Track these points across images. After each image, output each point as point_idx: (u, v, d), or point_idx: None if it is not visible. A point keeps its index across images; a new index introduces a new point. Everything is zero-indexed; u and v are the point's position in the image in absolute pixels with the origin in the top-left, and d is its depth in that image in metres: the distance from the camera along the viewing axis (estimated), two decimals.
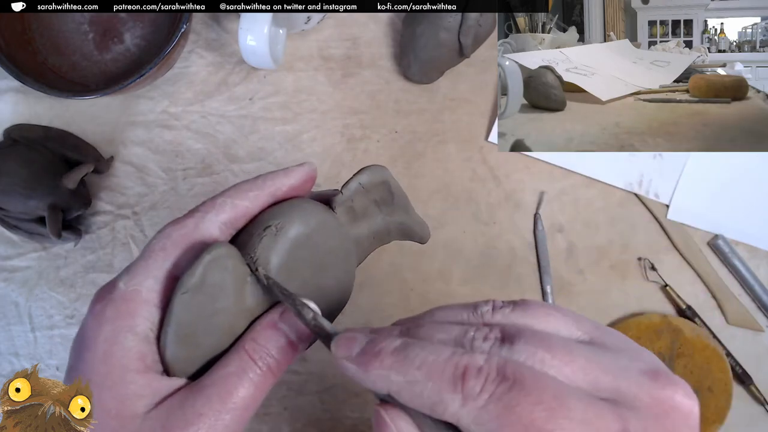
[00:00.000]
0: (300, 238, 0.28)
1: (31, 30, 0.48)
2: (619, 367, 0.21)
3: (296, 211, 0.28)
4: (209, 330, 0.26)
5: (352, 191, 0.31)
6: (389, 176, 0.32)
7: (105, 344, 0.24)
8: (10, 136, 0.49)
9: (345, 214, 0.31)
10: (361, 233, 0.33)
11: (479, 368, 0.19)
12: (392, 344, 0.21)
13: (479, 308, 0.23)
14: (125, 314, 0.25)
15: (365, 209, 0.32)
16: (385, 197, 0.32)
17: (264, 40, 0.43)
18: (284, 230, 0.27)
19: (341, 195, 0.30)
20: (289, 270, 0.28)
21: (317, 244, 0.29)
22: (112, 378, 0.24)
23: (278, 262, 0.27)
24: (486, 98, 0.51)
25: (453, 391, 0.19)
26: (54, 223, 0.45)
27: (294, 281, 0.28)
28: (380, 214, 0.33)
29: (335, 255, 0.30)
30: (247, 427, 0.50)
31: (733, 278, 0.50)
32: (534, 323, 0.22)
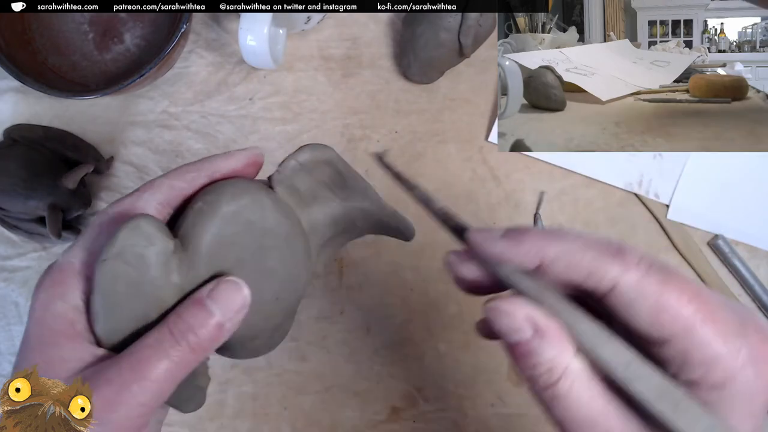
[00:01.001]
0: (228, 214, 0.27)
1: (31, 30, 0.48)
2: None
3: (227, 187, 0.28)
4: (135, 302, 0.26)
5: (289, 169, 0.30)
6: (334, 156, 0.31)
7: (39, 310, 0.26)
8: (10, 136, 0.49)
9: (289, 196, 0.30)
10: (316, 218, 0.32)
11: (632, 249, 0.22)
12: (536, 229, 0.24)
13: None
14: (58, 283, 0.26)
15: (314, 191, 0.31)
16: (335, 179, 0.31)
17: (264, 40, 0.43)
18: (212, 206, 0.27)
19: (278, 173, 0.30)
20: (221, 247, 0.27)
21: (252, 221, 0.28)
22: (41, 340, 0.25)
23: (207, 239, 0.27)
24: (486, 98, 0.51)
25: (613, 260, 0.21)
26: (54, 223, 0.45)
27: (228, 260, 0.27)
28: (335, 199, 0.32)
29: (275, 235, 0.29)
30: (248, 427, 0.50)
31: (733, 278, 0.50)
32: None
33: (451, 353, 0.50)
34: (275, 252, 0.29)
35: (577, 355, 0.22)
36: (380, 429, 0.49)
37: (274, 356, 0.50)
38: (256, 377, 0.50)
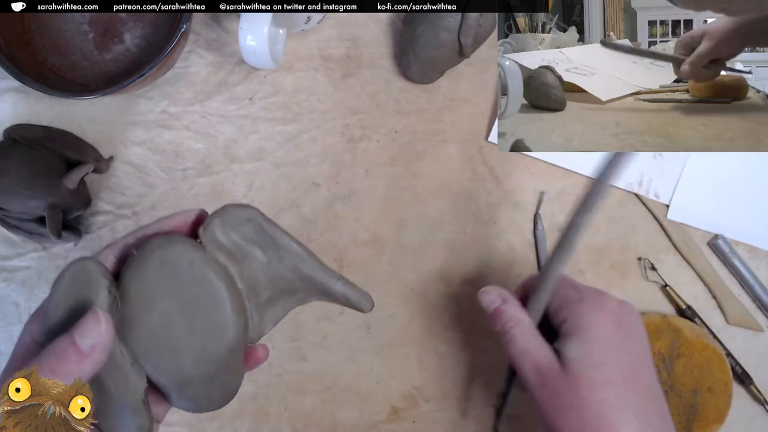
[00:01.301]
0: (156, 263, 0.31)
1: (31, 30, 0.48)
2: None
3: (158, 240, 0.32)
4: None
5: (213, 226, 0.32)
6: (256, 214, 0.33)
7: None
8: (10, 136, 0.49)
9: (218, 252, 0.33)
10: (250, 275, 0.34)
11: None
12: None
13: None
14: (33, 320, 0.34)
15: (242, 250, 0.33)
16: (261, 238, 0.33)
17: (264, 40, 0.43)
18: (142, 252, 0.31)
19: (203, 231, 0.32)
20: (151, 293, 0.31)
21: (179, 273, 0.31)
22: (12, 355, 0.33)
23: (135, 286, 0.31)
24: (486, 98, 0.51)
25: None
26: (54, 223, 0.45)
27: (156, 310, 0.31)
28: (266, 258, 0.34)
29: (201, 288, 0.31)
30: (248, 427, 0.50)
31: (733, 278, 0.50)
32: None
33: (451, 353, 0.50)
34: (201, 304, 0.31)
35: (525, 314, 0.38)
36: (380, 429, 0.49)
37: (274, 356, 0.50)
38: (256, 377, 0.50)
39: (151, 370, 0.31)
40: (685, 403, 0.47)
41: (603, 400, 0.33)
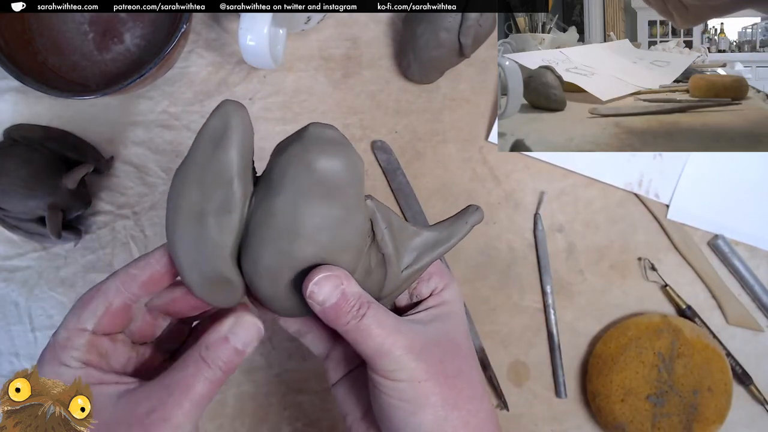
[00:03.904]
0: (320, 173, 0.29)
1: (31, 30, 0.48)
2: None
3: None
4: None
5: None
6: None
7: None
8: (10, 136, 0.49)
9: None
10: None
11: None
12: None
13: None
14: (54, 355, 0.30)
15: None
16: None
17: (264, 40, 0.43)
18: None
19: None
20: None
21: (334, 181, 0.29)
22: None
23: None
24: (486, 98, 0.51)
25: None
26: (54, 223, 0.45)
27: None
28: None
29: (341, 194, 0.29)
30: (248, 427, 0.50)
31: (733, 278, 0.50)
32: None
33: None
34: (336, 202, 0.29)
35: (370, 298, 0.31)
36: None
37: (274, 356, 0.50)
38: (256, 377, 0.50)
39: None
40: (685, 403, 0.47)
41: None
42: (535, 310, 0.50)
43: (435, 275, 0.35)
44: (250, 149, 0.29)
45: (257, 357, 0.50)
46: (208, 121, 0.29)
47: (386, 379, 0.30)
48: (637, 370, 0.47)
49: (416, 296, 0.35)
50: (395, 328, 0.30)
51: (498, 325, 0.50)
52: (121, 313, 0.31)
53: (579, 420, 0.50)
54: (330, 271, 0.29)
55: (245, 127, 0.29)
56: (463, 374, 0.31)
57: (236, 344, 0.29)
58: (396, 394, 0.30)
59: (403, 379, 0.30)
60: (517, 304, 0.50)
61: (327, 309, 0.29)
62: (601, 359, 0.48)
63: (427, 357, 0.30)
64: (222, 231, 0.29)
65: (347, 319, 0.29)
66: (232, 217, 0.29)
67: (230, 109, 0.29)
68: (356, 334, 0.30)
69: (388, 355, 0.30)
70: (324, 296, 0.29)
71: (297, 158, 0.28)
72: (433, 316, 0.33)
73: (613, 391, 0.47)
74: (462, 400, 0.31)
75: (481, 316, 0.50)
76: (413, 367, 0.30)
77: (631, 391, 0.47)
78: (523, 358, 0.50)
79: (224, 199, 0.28)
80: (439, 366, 0.30)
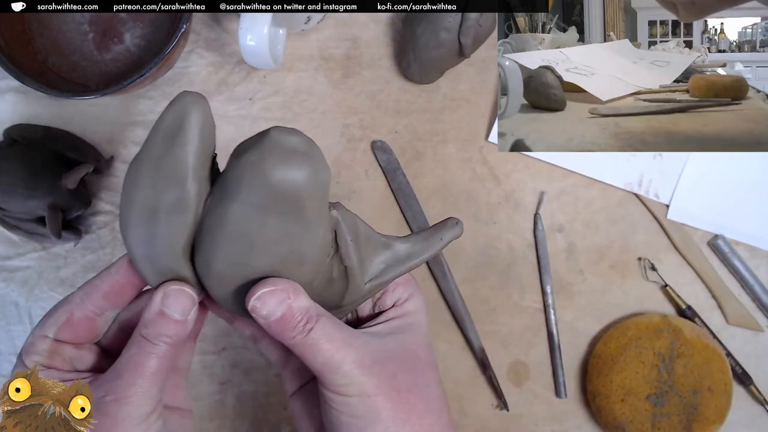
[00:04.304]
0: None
1: (31, 30, 0.48)
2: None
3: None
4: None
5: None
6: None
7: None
8: (10, 136, 0.49)
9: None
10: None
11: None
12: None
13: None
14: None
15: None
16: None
17: (264, 40, 0.43)
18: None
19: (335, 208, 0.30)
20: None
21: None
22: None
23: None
24: (486, 98, 0.51)
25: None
26: (54, 223, 0.45)
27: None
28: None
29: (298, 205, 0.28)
30: (248, 427, 0.50)
31: (733, 278, 0.50)
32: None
33: (451, 353, 0.50)
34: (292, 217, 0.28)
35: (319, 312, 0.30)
36: None
37: None
38: (256, 377, 0.50)
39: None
40: (685, 403, 0.47)
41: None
42: (535, 310, 0.50)
43: (400, 285, 0.34)
44: (209, 145, 0.28)
45: (257, 357, 0.50)
46: (165, 113, 0.28)
47: (336, 394, 0.29)
48: (637, 370, 0.47)
49: (379, 306, 0.34)
50: (345, 342, 0.29)
51: (498, 325, 0.50)
52: (84, 325, 0.31)
53: (579, 420, 0.50)
54: (275, 285, 0.28)
55: (204, 122, 0.27)
56: (417, 388, 0.31)
57: (173, 315, 0.29)
58: (346, 410, 0.29)
59: (353, 394, 0.29)
60: (517, 304, 0.50)
61: (272, 323, 0.28)
62: (601, 359, 0.48)
63: (379, 371, 0.29)
64: (174, 230, 0.28)
65: (293, 334, 0.29)
66: (185, 217, 0.28)
67: (188, 101, 0.27)
68: (303, 348, 0.29)
69: (338, 369, 0.29)
70: (268, 311, 0.28)
71: (253, 167, 0.26)
72: (392, 328, 0.32)
73: (613, 391, 0.47)
74: (415, 415, 0.30)
75: (481, 316, 0.50)
76: (363, 382, 0.29)
77: (631, 391, 0.47)
78: (523, 358, 0.50)
79: (177, 198, 0.27)
80: (392, 381, 0.30)
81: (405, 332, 0.32)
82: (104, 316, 0.31)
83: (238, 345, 0.50)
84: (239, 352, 0.50)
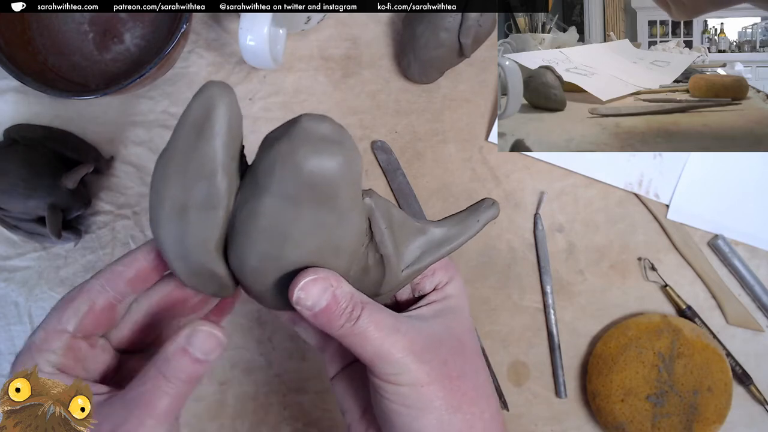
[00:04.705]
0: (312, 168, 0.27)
1: (31, 30, 0.48)
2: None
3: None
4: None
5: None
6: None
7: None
8: (10, 136, 0.49)
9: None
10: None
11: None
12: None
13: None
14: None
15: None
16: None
17: (264, 40, 0.43)
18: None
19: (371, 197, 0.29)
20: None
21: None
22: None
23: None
24: (486, 98, 0.51)
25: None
26: (54, 223, 0.45)
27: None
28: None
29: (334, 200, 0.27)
30: (248, 427, 0.50)
31: (733, 278, 0.50)
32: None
33: None
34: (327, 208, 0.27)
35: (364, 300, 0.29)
36: None
37: (274, 356, 0.50)
38: (256, 377, 0.50)
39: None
40: (685, 403, 0.47)
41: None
42: (535, 310, 0.50)
43: (439, 270, 0.33)
44: (237, 137, 0.27)
45: (257, 357, 0.50)
46: (191, 105, 0.26)
47: (387, 383, 0.28)
48: (637, 370, 0.47)
49: (419, 291, 0.33)
50: (394, 328, 0.28)
51: (498, 325, 0.50)
52: (106, 313, 0.30)
53: (579, 420, 0.50)
54: (317, 274, 0.27)
55: (232, 113, 0.26)
56: (467, 375, 0.30)
57: (195, 354, 0.27)
58: (398, 399, 0.28)
59: (405, 383, 0.28)
60: (517, 304, 0.50)
61: (318, 313, 0.28)
62: (601, 359, 0.48)
63: (430, 358, 0.29)
64: (206, 226, 0.27)
65: (341, 323, 0.28)
66: (216, 212, 0.27)
67: (215, 92, 0.26)
68: (352, 338, 0.28)
69: (388, 358, 0.28)
70: (313, 301, 0.27)
71: (284, 158, 0.26)
72: (435, 311, 0.32)
73: (613, 391, 0.47)
74: (466, 402, 0.29)
75: (481, 316, 0.50)
76: (415, 370, 0.28)
77: (631, 391, 0.47)
78: (523, 358, 0.50)
79: (208, 193, 0.27)
80: (443, 368, 0.29)
81: (448, 316, 0.31)
82: (124, 302, 0.31)
83: (239, 345, 0.50)
84: (239, 352, 0.50)
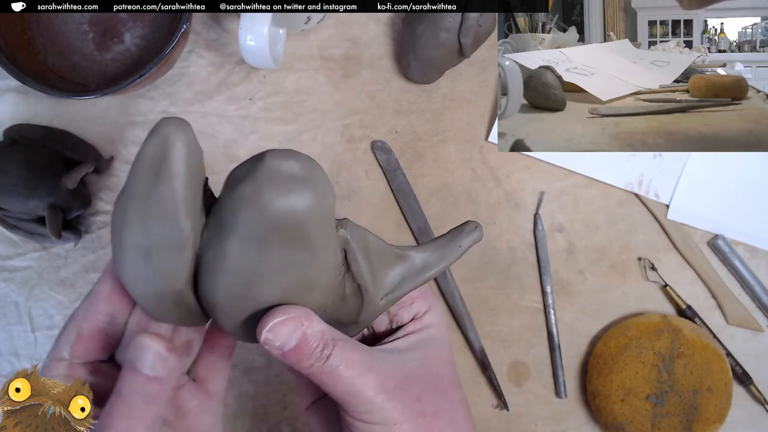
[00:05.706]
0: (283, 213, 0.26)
1: (31, 30, 0.48)
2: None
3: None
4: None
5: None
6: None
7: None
8: (10, 136, 0.49)
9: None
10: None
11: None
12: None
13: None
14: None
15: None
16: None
17: (264, 40, 0.43)
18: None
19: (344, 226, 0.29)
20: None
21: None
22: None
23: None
24: (486, 98, 0.51)
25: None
26: (54, 223, 0.45)
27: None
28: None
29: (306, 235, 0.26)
30: (248, 427, 0.50)
31: (733, 278, 0.50)
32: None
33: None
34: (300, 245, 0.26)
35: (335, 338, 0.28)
36: None
37: (273, 356, 0.50)
38: (256, 377, 0.50)
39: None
40: (685, 403, 0.47)
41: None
42: (535, 310, 0.50)
43: (417, 299, 0.32)
44: (198, 174, 0.26)
45: (257, 357, 0.50)
46: (145, 147, 0.25)
47: (359, 421, 0.28)
48: (637, 370, 0.47)
49: (397, 322, 0.33)
50: (366, 366, 0.28)
51: (498, 325, 0.50)
52: (95, 337, 0.29)
53: (579, 420, 0.50)
54: (286, 314, 0.26)
55: (190, 150, 0.25)
56: (442, 411, 0.29)
57: (144, 371, 0.26)
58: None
59: (377, 421, 0.28)
60: (517, 304, 0.50)
61: (287, 353, 0.27)
62: (601, 359, 0.48)
63: (403, 395, 0.28)
64: (173, 266, 0.26)
65: (310, 362, 0.27)
66: (182, 253, 0.26)
67: (170, 130, 0.25)
68: (322, 376, 0.27)
69: (360, 396, 0.27)
70: (282, 341, 0.26)
71: (249, 200, 0.24)
72: (412, 343, 0.31)
73: (613, 391, 0.47)
74: None
75: (481, 316, 0.50)
76: (388, 408, 0.27)
77: (631, 391, 0.47)
78: (523, 358, 0.50)
79: (171, 235, 0.25)
80: (416, 405, 0.28)
81: (426, 347, 0.31)
82: (114, 323, 0.29)
83: (238, 345, 0.50)
84: (239, 352, 0.50)
